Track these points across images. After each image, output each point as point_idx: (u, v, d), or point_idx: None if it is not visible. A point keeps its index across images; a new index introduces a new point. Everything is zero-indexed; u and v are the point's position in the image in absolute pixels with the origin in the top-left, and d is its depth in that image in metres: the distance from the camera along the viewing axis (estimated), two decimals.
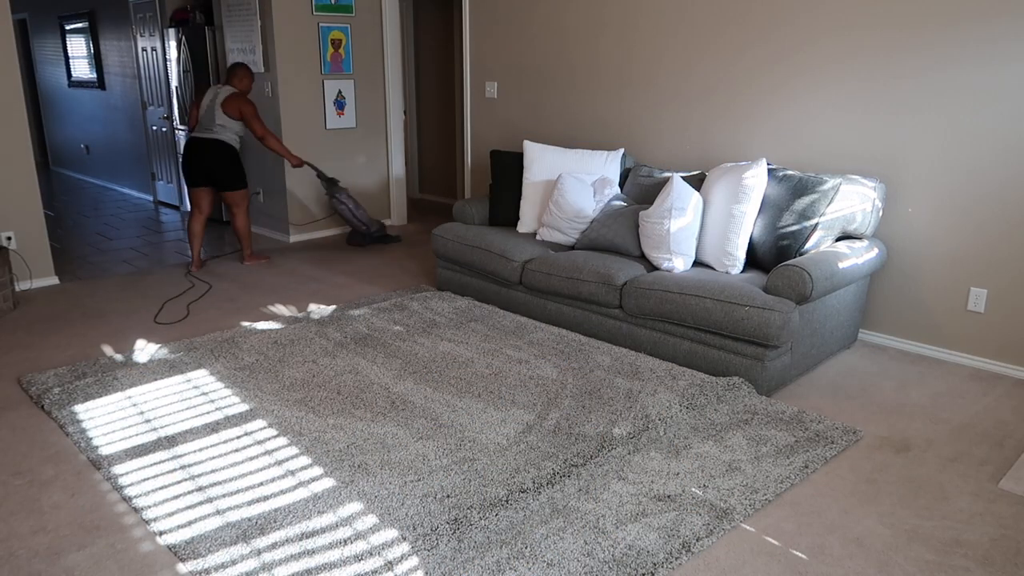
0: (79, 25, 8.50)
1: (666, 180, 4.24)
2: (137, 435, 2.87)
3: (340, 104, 6.25)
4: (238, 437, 2.85)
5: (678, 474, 2.63)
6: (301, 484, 2.53)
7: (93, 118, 8.90)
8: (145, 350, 3.73)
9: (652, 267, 3.87)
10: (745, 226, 3.65)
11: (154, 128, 7.57)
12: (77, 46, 8.71)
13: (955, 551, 2.27)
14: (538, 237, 4.43)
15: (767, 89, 4.15)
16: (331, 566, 2.13)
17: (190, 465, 2.66)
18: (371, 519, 2.33)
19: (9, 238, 4.70)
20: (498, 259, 4.24)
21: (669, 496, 2.49)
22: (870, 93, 3.78)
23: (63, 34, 8.94)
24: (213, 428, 2.92)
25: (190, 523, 2.33)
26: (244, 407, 3.10)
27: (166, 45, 6.89)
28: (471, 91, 5.83)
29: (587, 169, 4.47)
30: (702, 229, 3.81)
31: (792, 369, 3.42)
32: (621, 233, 4.02)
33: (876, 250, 3.69)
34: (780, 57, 4.07)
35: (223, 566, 2.13)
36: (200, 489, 2.51)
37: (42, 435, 2.93)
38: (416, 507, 2.39)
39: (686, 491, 2.53)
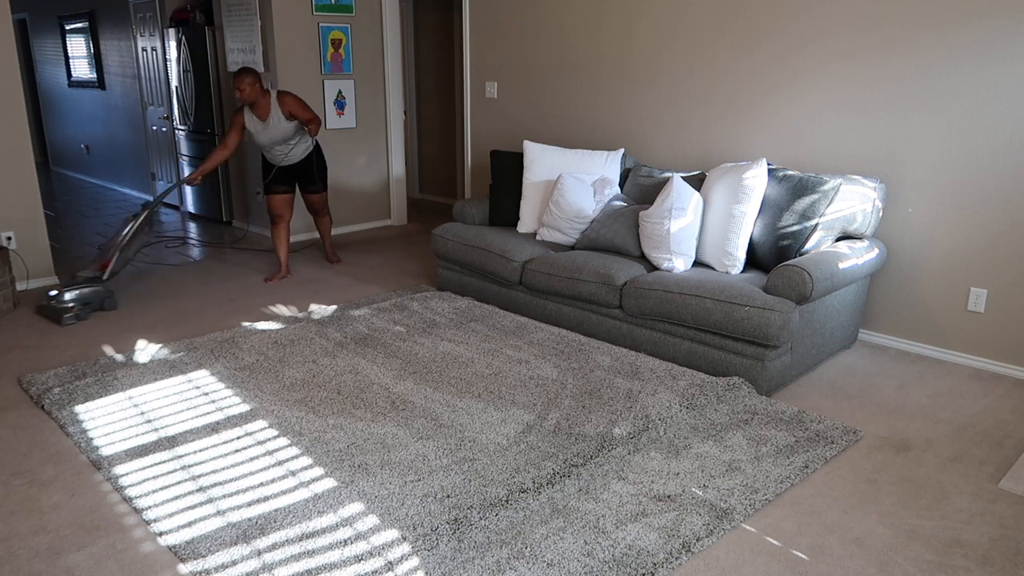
0: (79, 25, 8.50)
1: (666, 180, 4.24)
2: (138, 435, 2.87)
3: (340, 104, 6.25)
4: (239, 437, 2.85)
5: (678, 474, 2.63)
6: (301, 484, 2.54)
7: (93, 118, 8.90)
8: (146, 350, 3.73)
9: (652, 267, 3.87)
10: (745, 226, 3.65)
11: (154, 128, 7.57)
12: (77, 46, 8.71)
13: (955, 551, 2.27)
14: (538, 237, 4.43)
15: (767, 89, 4.15)
16: (332, 566, 2.13)
17: (191, 465, 2.67)
18: (371, 519, 2.33)
19: (9, 238, 4.70)
20: (498, 259, 4.24)
21: (669, 496, 2.50)
22: (870, 93, 3.78)
23: (63, 34, 8.94)
24: (214, 428, 2.92)
25: (191, 523, 2.33)
26: (244, 407, 3.10)
27: (166, 45, 6.89)
28: (471, 91, 5.83)
29: (587, 169, 4.47)
30: (702, 229, 3.81)
31: (792, 369, 3.42)
32: (621, 233, 4.02)
33: (876, 250, 3.69)
34: (780, 57, 4.07)
35: (224, 566, 2.14)
36: (201, 489, 2.51)
37: (42, 435, 2.93)
38: (416, 507, 2.39)
39: (686, 491, 2.53)
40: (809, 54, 3.95)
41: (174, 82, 6.90)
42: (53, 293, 4.25)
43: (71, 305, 4.23)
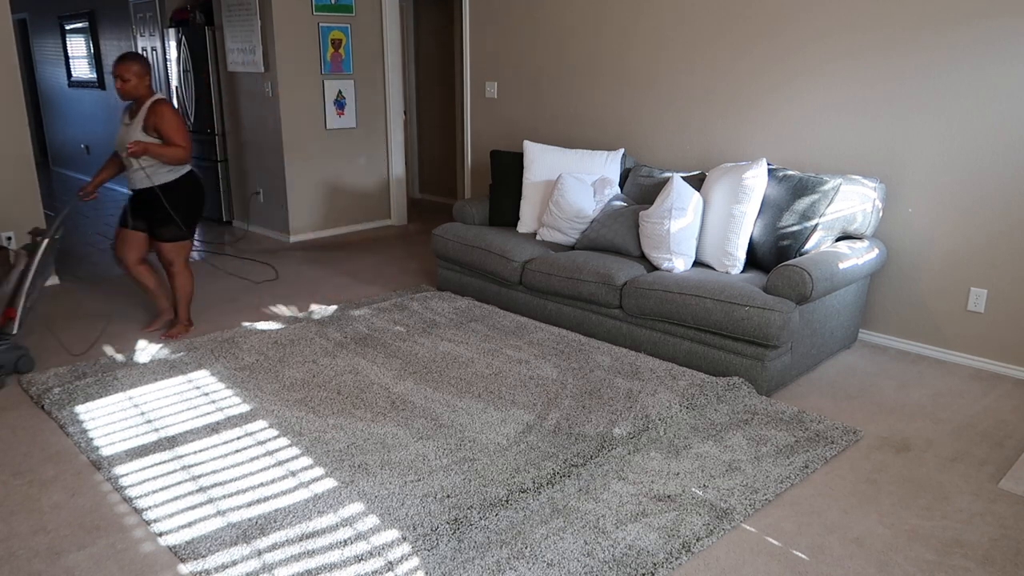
0: (79, 25, 8.50)
1: (666, 180, 4.24)
2: (138, 435, 2.87)
3: (340, 104, 6.25)
4: (239, 437, 2.85)
5: (678, 474, 2.63)
6: (302, 484, 2.54)
7: (93, 118, 8.89)
8: (146, 350, 3.73)
9: (652, 267, 3.87)
10: (745, 226, 3.65)
11: None
12: (77, 46, 8.71)
13: (955, 551, 2.27)
14: (538, 237, 4.43)
15: (767, 89, 4.15)
16: (332, 567, 2.13)
17: (191, 465, 2.66)
18: (372, 519, 2.33)
19: (9, 238, 4.70)
20: (498, 259, 4.24)
21: (669, 496, 2.50)
22: (870, 93, 3.78)
23: (63, 34, 8.94)
24: (214, 428, 2.92)
25: (191, 523, 2.33)
26: (245, 407, 3.10)
27: (166, 45, 6.89)
28: (471, 91, 5.83)
29: (587, 169, 4.47)
30: (702, 229, 3.81)
31: (792, 369, 3.42)
32: (621, 233, 4.02)
33: (876, 250, 3.69)
34: (780, 57, 4.07)
35: (224, 567, 2.14)
36: (201, 489, 2.51)
37: (42, 435, 2.93)
38: (416, 507, 2.39)
39: (686, 491, 2.53)
40: (809, 54, 3.95)
41: (174, 82, 6.90)
42: None
43: None
